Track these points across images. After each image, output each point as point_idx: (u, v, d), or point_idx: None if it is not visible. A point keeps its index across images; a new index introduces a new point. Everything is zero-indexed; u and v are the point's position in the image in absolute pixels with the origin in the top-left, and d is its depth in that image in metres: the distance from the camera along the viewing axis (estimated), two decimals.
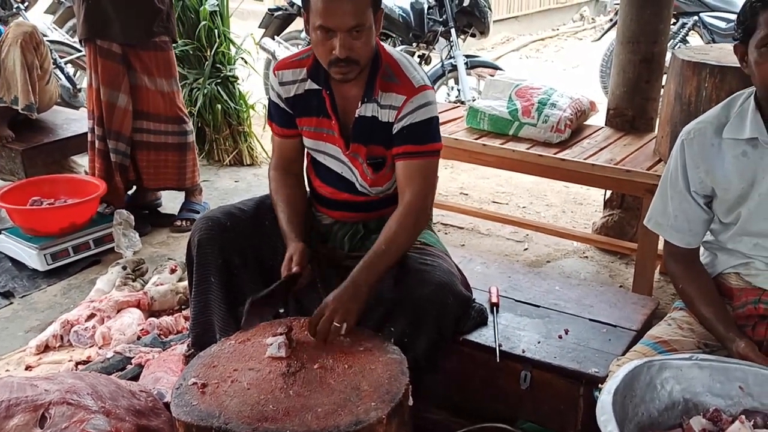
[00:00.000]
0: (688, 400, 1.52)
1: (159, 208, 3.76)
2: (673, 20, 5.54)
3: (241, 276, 2.09)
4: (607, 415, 1.32)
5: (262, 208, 2.14)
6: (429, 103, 1.97)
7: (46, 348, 2.56)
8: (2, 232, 3.28)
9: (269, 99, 2.15)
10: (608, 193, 3.46)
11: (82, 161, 4.09)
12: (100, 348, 2.54)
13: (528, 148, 3.09)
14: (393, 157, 2.00)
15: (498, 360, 2.01)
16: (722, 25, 5.79)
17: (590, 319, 2.21)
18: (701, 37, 6.00)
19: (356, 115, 2.00)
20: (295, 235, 2.01)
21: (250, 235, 2.09)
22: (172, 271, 2.95)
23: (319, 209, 2.21)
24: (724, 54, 2.71)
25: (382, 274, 1.90)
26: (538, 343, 2.08)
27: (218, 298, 2.09)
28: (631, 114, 3.30)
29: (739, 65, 1.70)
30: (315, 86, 2.03)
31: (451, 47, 5.11)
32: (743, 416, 1.44)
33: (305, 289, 2.07)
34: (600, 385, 1.68)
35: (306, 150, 2.16)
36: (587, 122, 3.38)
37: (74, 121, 4.02)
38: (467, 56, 5.08)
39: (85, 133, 3.87)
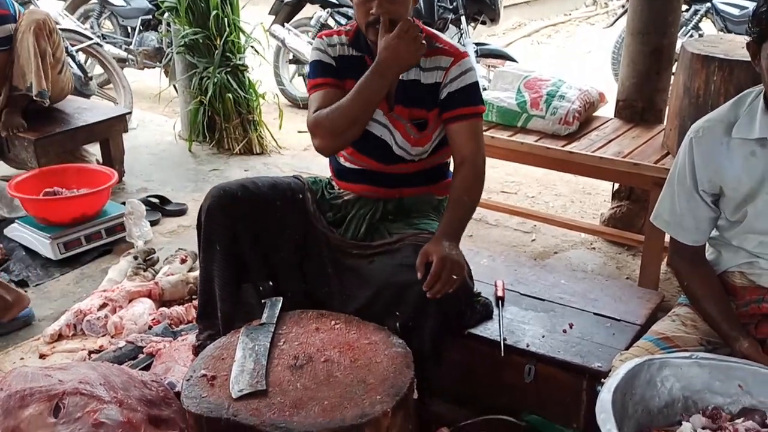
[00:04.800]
0: (687, 398, 1.54)
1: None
2: (685, 7, 5.49)
3: (245, 249, 2.12)
4: (605, 413, 1.34)
5: (277, 188, 2.17)
6: (472, 69, 2.11)
7: (59, 337, 2.61)
8: (16, 221, 3.33)
9: (312, 62, 2.17)
10: (617, 184, 3.46)
11: (94, 150, 4.13)
12: (112, 337, 2.58)
13: (536, 141, 3.09)
14: (445, 121, 2.10)
15: (502, 354, 2.03)
16: (735, 12, 5.72)
17: (595, 313, 2.22)
18: (714, 24, 5.94)
19: (399, 78, 2.07)
20: None
21: (260, 210, 2.12)
22: (183, 261, 2.98)
23: (342, 185, 2.25)
24: (733, 47, 2.69)
25: (464, 227, 2.04)
26: (543, 337, 2.10)
27: (221, 266, 2.12)
28: (640, 106, 3.29)
29: (748, 59, 1.69)
30: (357, 53, 2.12)
31: (462, 35, 5.08)
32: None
33: (315, 274, 2.12)
34: (603, 380, 1.69)
35: None
36: (596, 113, 3.37)
37: (85, 111, 4.04)
38: (477, 44, 5.05)
39: (97, 123, 3.94)
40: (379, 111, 2.10)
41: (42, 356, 2.51)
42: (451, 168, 2.26)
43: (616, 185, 3.47)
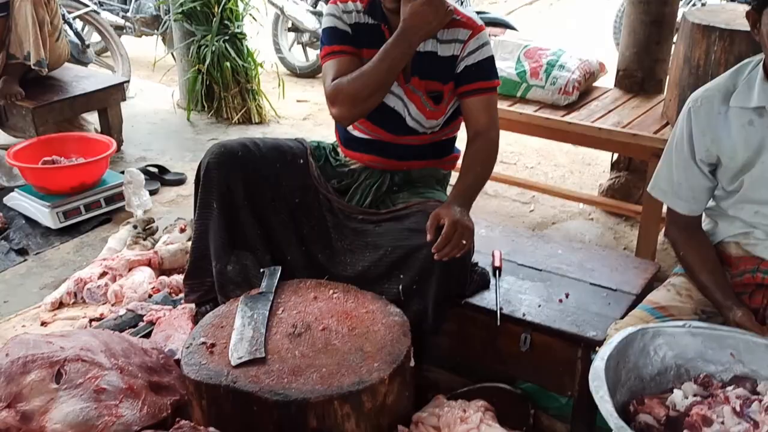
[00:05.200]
0: (680, 366, 1.56)
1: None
2: None
3: (241, 209, 2.12)
4: (598, 380, 1.36)
5: (279, 150, 2.17)
6: (489, 42, 2.12)
7: (60, 305, 2.63)
8: (15, 189, 3.34)
9: (326, 29, 2.12)
10: (616, 154, 3.46)
11: (92, 118, 4.12)
12: (112, 305, 2.60)
13: (535, 111, 3.09)
14: (461, 94, 2.09)
15: (499, 323, 2.05)
16: None
17: (591, 283, 2.23)
18: None
19: (416, 50, 2.05)
20: None
21: (259, 171, 2.12)
22: (182, 230, 2.99)
23: (349, 154, 2.24)
24: (734, 17, 2.67)
25: (475, 196, 2.06)
26: (539, 306, 2.11)
27: (217, 225, 2.12)
28: (640, 75, 3.28)
29: (748, 29, 1.68)
30: (373, 21, 2.10)
31: (462, 2, 5.03)
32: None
33: (316, 238, 2.13)
34: (597, 348, 1.72)
35: None
36: (596, 83, 3.36)
37: (83, 79, 4.01)
38: (478, 12, 4.98)
39: (96, 91, 3.92)
40: (394, 82, 2.08)
41: (43, 323, 2.54)
42: (457, 143, 2.27)
43: (615, 156, 3.47)
